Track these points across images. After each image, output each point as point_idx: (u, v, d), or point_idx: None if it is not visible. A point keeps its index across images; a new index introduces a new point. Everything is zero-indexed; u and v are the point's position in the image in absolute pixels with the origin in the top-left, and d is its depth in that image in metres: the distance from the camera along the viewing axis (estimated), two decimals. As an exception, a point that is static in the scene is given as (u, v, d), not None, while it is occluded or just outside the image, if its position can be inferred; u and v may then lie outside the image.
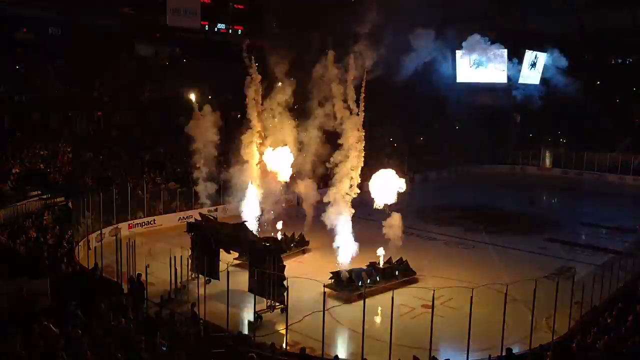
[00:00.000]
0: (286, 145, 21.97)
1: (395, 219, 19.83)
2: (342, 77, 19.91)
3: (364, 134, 19.60)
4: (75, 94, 33.13)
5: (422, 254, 21.91)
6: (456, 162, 44.69)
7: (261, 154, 22.30)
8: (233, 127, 24.43)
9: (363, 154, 19.67)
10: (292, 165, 21.99)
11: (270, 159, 22.10)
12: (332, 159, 19.78)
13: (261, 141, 22.35)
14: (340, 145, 19.70)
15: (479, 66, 50.90)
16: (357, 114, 19.56)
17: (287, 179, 22.45)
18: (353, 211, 19.88)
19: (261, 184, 22.63)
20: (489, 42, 48.91)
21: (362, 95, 19.68)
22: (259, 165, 22.34)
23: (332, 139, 20.69)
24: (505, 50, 51.97)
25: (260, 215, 22.77)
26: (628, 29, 48.85)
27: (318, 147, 21.30)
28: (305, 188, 21.84)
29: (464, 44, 46.98)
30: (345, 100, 19.75)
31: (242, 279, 17.05)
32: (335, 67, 20.00)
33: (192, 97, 24.61)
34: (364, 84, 19.64)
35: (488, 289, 14.67)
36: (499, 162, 47.23)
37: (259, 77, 22.37)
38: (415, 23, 26.75)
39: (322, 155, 20.99)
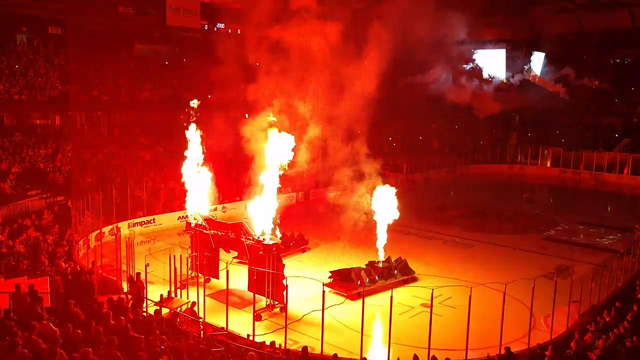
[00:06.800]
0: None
1: None
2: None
3: None
4: (76, 93, 33.12)
5: (421, 253, 21.98)
6: (455, 161, 44.70)
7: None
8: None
9: None
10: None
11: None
12: None
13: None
14: None
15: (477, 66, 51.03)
16: None
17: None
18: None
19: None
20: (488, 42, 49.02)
21: None
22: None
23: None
24: (504, 50, 52.08)
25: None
26: (627, 28, 48.90)
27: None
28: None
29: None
30: None
31: (241, 278, 17.10)
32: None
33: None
34: None
35: (487, 287, 14.75)
36: (499, 162, 47.32)
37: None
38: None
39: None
